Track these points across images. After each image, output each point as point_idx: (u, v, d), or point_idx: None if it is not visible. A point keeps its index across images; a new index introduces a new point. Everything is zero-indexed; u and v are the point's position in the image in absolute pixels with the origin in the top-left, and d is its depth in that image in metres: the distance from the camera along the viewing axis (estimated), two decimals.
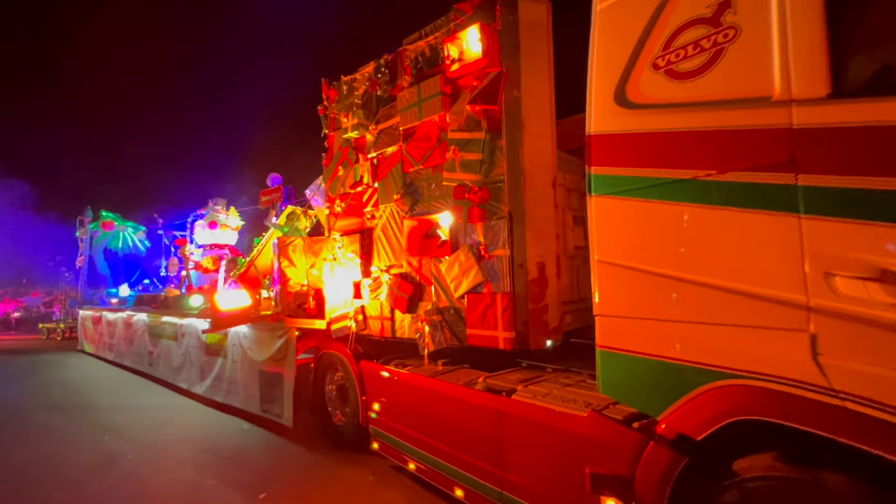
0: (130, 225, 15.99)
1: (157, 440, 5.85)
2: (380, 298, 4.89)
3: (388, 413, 4.64)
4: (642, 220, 2.53)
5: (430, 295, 4.39)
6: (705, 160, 2.29)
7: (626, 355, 2.55)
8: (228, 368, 7.31)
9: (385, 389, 4.67)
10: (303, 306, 5.96)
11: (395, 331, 4.72)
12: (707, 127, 2.28)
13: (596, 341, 2.73)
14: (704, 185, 2.30)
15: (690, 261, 2.31)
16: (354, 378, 5.12)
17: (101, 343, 12.83)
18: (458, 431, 3.76)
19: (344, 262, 5.26)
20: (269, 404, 6.40)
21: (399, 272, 4.70)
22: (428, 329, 4.26)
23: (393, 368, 4.61)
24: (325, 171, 5.68)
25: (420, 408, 4.22)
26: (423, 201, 4.54)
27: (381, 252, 4.94)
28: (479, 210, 3.94)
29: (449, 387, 3.87)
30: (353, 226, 5.23)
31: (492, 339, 3.83)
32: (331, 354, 5.66)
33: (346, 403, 5.62)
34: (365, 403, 4.97)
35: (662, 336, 2.39)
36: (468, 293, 4.02)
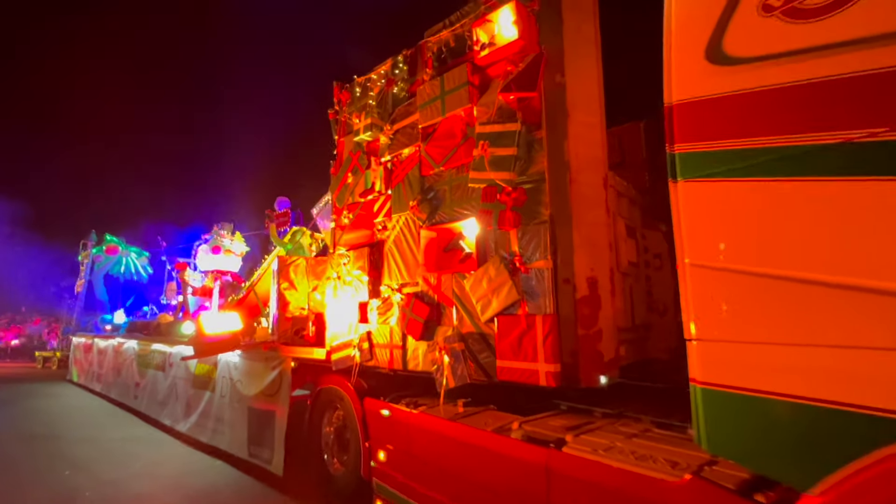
0: (134, 250, 15.58)
1: (121, 476, 5.31)
2: (389, 323, 4.15)
3: (395, 464, 3.78)
4: (760, 205, 1.84)
5: (451, 318, 3.65)
6: (863, 116, 1.62)
7: (746, 396, 1.78)
8: (216, 404, 6.47)
9: (393, 434, 3.83)
10: (301, 333, 5.22)
11: (406, 362, 3.94)
12: (868, 69, 1.62)
13: (691, 376, 1.97)
14: (861, 149, 1.62)
15: (852, 257, 1.59)
16: (356, 419, 4.29)
17: (90, 372, 12.05)
18: (488, 493, 2.90)
19: (349, 280, 4.56)
20: (258, 447, 5.52)
21: (413, 291, 3.98)
22: (448, 360, 3.48)
23: (403, 408, 3.79)
24: (333, 180, 5.10)
25: (437, 459, 3.37)
26: (443, 208, 3.88)
27: (393, 268, 4.25)
28: (512, 214, 3.27)
29: (477, 434, 3.05)
30: (361, 239, 4.57)
31: (529, 373, 3.05)
32: (330, 390, 4.85)
33: (346, 450, 4.75)
34: (368, 451, 4.11)
35: (815, 367, 1.63)
36: (499, 315, 3.28)
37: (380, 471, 3.94)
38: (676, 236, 2.13)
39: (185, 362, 7.40)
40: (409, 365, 3.91)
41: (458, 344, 3.48)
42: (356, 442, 4.31)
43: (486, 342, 3.39)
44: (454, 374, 3.44)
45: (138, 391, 8.96)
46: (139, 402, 8.84)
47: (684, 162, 2.14)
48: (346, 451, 4.74)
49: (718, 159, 2.03)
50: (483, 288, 3.38)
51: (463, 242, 3.75)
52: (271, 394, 5.41)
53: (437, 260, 3.85)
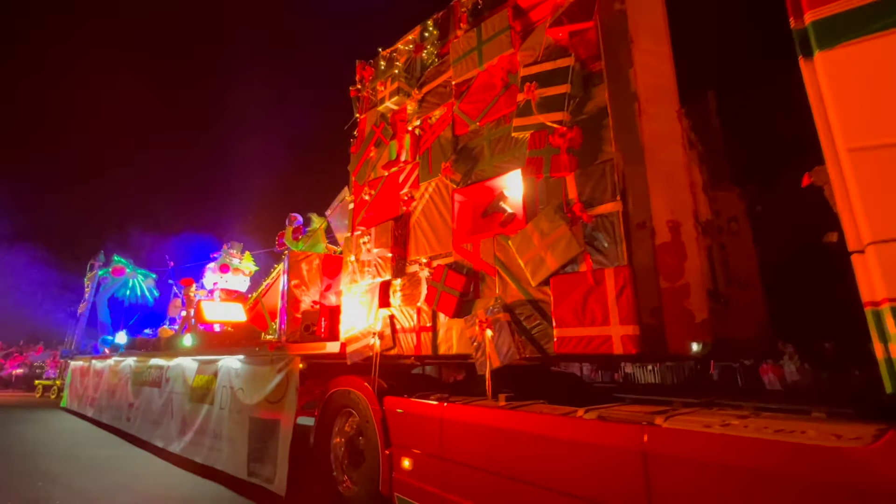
0: (141, 272, 15.24)
1: (95, 488, 4.96)
2: (416, 303, 3.57)
3: (425, 473, 3.08)
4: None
5: (493, 288, 3.07)
6: None
7: None
8: (214, 418, 5.77)
9: (422, 436, 3.15)
10: (311, 329, 4.62)
11: (437, 346, 3.32)
12: None
13: (867, 299, 1.40)
14: None
15: None
16: (374, 423, 3.62)
17: (84, 397, 11.33)
18: (556, 496, 2.21)
19: (369, 258, 4.03)
20: (259, 464, 4.78)
21: (446, 263, 3.42)
22: (491, 335, 2.87)
23: (433, 403, 3.14)
24: (353, 158, 4.68)
25: (485, 461, 2.69)
26: (481, 165, 3.41)
27: (421, 241, 3.71)
28: (568, 157, 2.77)
29: (542, 421, 2.41)
30: (384, 213, 4.07)
31: (599, 340, 2.43)
32: (342, 394, 4.18)
33: (358, 464, 4.03)
34: (388, 460, 3.41)
35: None
36: (554, 276, 2.70)
37: (404, 483, 3.22)
38: (820, 123, 1.63)
39: (182, 375, 6.76)
40: (440, 349, 3.29)
41: (502, 315, 2.88)
42: (373, 451, 3.60)
43: (539, 310, 2.79)
44: (499, 351, 2.82)
45: (131, 412, 8.23)
46: (132, 424, 8.09)
47: (821, 30, 1.67)
48: (359, 465, 4.02)
49: (864, 14, 1.57)
50: (533, 246, 2.82)
51: (504, 204, 3.24)
52: (276, 400, 4.74)
53: (473, 224, 3.33)
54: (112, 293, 14.78)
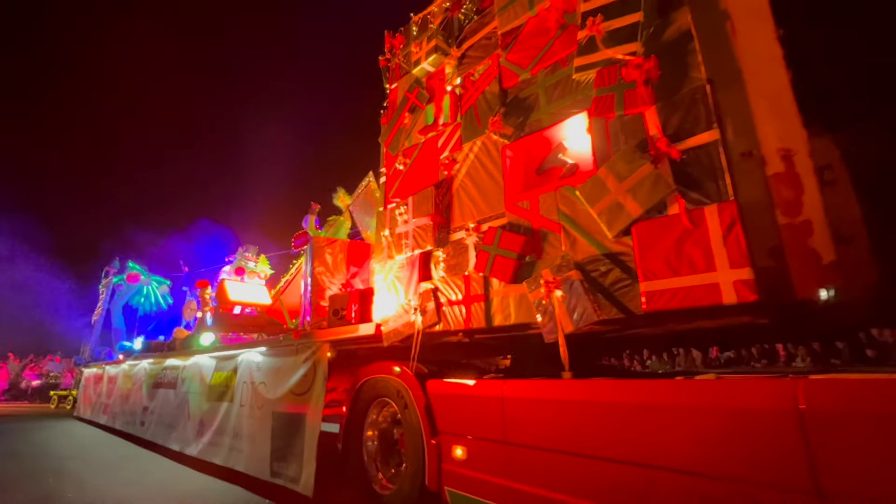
0: (156, 279, 15.09)
1: (104, 483, 4.93)
2: (464, 272, 3.19)
3: (486, 461, 2.66)
4: None
5: (558, 246, 2.70)
6: None
7: None
8: (234, 416, 5.39)
9: (480, 420, 2.74)
10: (341, 312, 4.26)
11: (490, 317, 2.93)
12: None
13: None
14: None
15: None
16: (417, 411, 3.22)
17: (97, 404, 11.03)
18: (670, 477, 1.80)
19: (406, 229, 3.68)
20: (282, 463, 4.38)
21: (498, 224, 3.06)
22: (559, 296, 2.48)
23: (494, 381, 2.74)
24: (385, 129, 4.37)
25: (571, 442, 2.28)
26: (536, 116, 3.06)
27: (466, 205, 3.36)
28: (646, 89, 2.42)
29: (659, 388, 2.01)
30: (423, 180, 3.73)
31: (702, 290, 2.04)
32: (376, 382, 3.80)
33: (397, 458, 3.63)
34: (437, 450, 3.00)
35: None
36: (637, 222, 2.32)
37: (456, 474, 2.81)
38: None
39: (199, 374, 6.42)
40: (494, 319, 2.90)
41: (573, 273, 2.49)
42: (416, 442, 3.19)
43: (618, 264, 2.40)
44: (572, 313, 2.43)
45: (146, 416, 7.89)
46: (146, 428, 7.74)
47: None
48: (397, 459, 3.62)
49: None
50: (608, 193, 2.45)
51: (563, 155, 2.88)
52: (301, 392, 4.36)
53: (529, 180, 2.97)
54: (126, 300, 14.61)
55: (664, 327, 2.66)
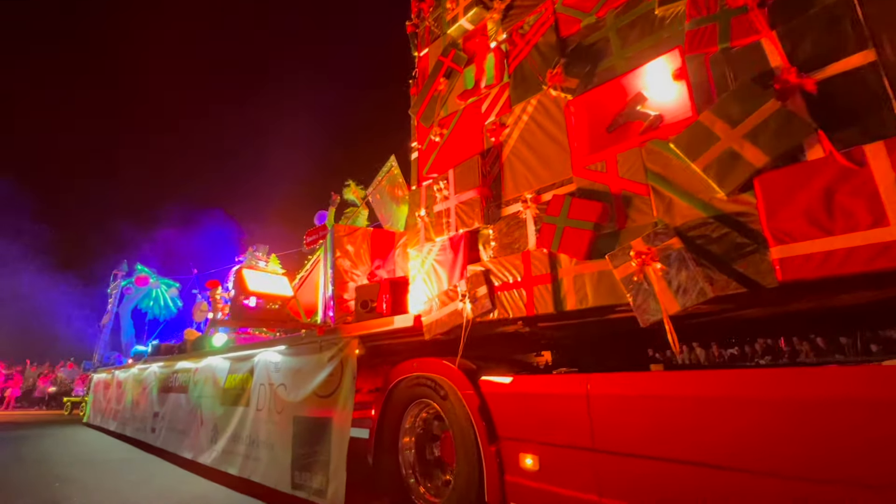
0: (164, 282, 14.77)
1: (111, 486, 4.91)
2: (522, 250, 2.73)
3: (568, 472, 2.19)
4: None
5: (647, 211, 2.23)
6: None
7: None
8: (250, 421, 4.96)
9: (558, 423, 2.27)
10: (371, 304, 3.81)
11: (560, 299, 2.46)
12: None
13: None
14: None
15: None
16: (470, 412, 2.75)
17: (106, 410, 10.68)
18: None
19: (445, 207, 3.22)
20: (306, 474, 3.94)
21: (565, 192, 2.59)
22: (658, 269, 2.01)
23: (576, 376, 2.28)
24: (415, 99, 3.92)
25: (692, 449, 1.81)
26: (607, 63, 2.60)
27: (522, 173, 2.90)
28: (762, 12, 1.95)
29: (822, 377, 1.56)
30: (463, 151, 3.28)
31: (871, 250, 1.56)
32: (415, 380, 3.34)
33: (440, 467, 3.18)
34: (497, 459, 2.53)
35: None
36: (761, 174, 1.85)
37: (526, 488, 2.34)
38: None
39: (212, 377, 6.00)
40: (565, 303, 2.43)
41: (674, 241, 2.02)
42: (469, 449, 2.73)
43: (734, 227, 1.93)
44: (676, 290, 1.96)
45: (156, 422, 7.49)
46: (156, 435, 7.34)
47: None
48: (443, 469, 3.16)
49: None
50: (716, 141, 1.98)
51: (643, 107, 2.41)
52: (327, 394, 3.92)
53: (601, 138, 2.51)
54: (135, 304, 14.31)
55: (797, 303, 2.18)
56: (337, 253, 4.68)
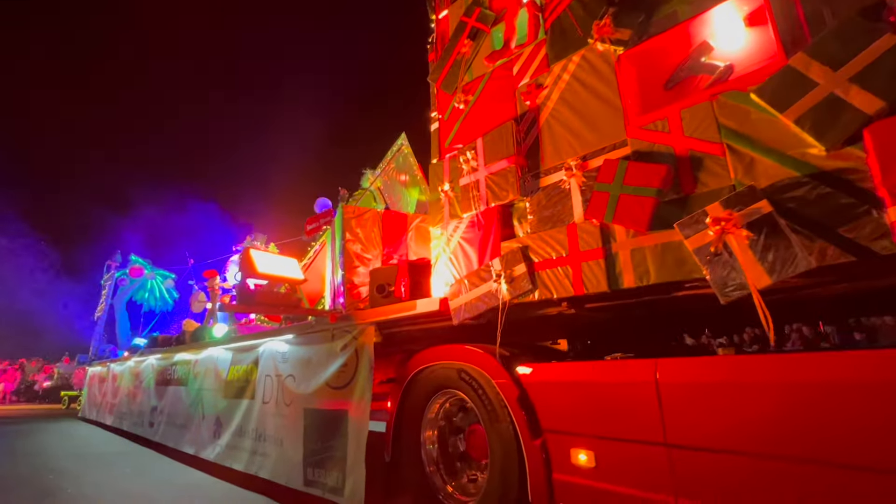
0: (160, 273, 14.39)
1: (105, 479, 4.87)
2: (566, 221, 2.45)
3: (633, 469, 1.93)
4: None
5: (721, 173, 1.95)
6: None
7: None
8: (256, 415, 4.69)
9: (622, 413, 2.00)
10: (388, 289, 3.52)
11: (615, 276, 2.18)
12: None
13: None
14: None
15: None
16: (507, 404, 2.48)
17: (102, 404, 10.38)
18: None
19: (473, 180, 2.93)
20: (319, 470, 3.68)
21: (618, 157, 2.31)
22: (743, 237, 1.74)
23: (643, 361, 2.01)
24: (435, 66, 3.59)
25: (795, 442, 1.55)
26: (665, 11, 2.30)
27: (564, 137, 2.60)
28: None
29: None
30: (493, 118, 2.98)
31: None
32: (440, 369, 3.07)
33: (468, 464, 2.93)
34: (542, 454, 2.27)
35: None
36: (873, 123, 1.57)
37: (580, 488, 2.08)
38: None
39: (213, 369, 5.71)
40: (621, 280, 2.15)
41: (762, 204, 1.74)
42: (507, 443, 2.47)
43: (837, 185, 1.65)
44: (765, 260, 1.69)
45: (155, 416, 7.21)
46: (155, 430, 7.06)
47: None
48: (472, 465, 2.91)
49: None
50: (811, 87, 1.70)
51: (708, 58, 2.12)
52: (341, 385, 3.64)
53: (660, 94, 2.22)
54: (130, 296, 13.93)
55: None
56: (347, 236, 4.38)
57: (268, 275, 3.46)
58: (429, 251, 4.90)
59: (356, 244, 4.44)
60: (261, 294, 3.40)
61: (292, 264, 3.81)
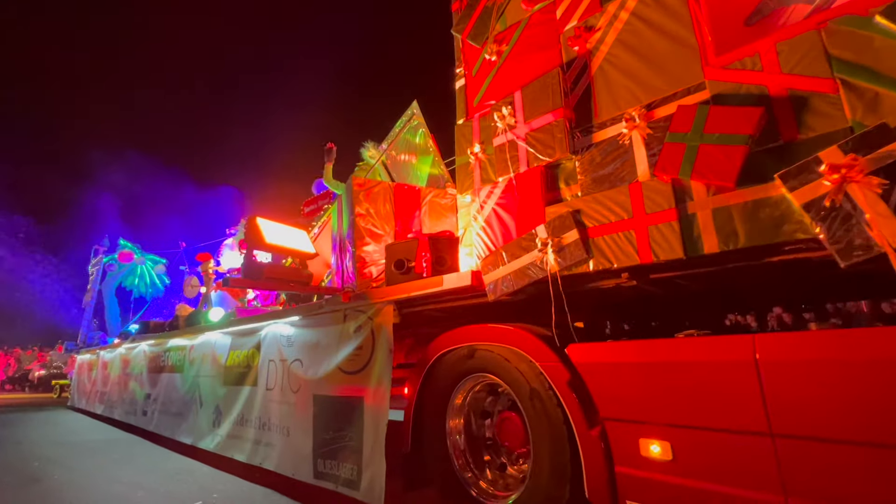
0: (150, 258, 13.89)
1: (92, 465, 4.81)
2: (627, 180, 2.13)
3: (723, 464, 1.65)
4: None
5: (835, 113, 1.63)
6: None
7: None
8: (259, 403, 4.38)
9: (712, 398, 1.71)
10: (408, 264, 3.19)
11: (694, 240, 1.87)
12: None
13: None
14: None
15: None
16: (556, 390, 2.19)
17: (92, 393, 10.00)
18: None
19: (507, 140, 2.59)
20: (331, 462, 3.38)
21: (695, 100, 1.98)
22: (876, 186, 1.43)
23: (741, 337, 1.72)
24: (461, 15, 3.21)
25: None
26: None
27: (622, 85, 2.27)
28: None
29: None
30: (533, 68, 2.63)
31: None
32: (470, 352, 2.76)
33: (500, 455, 2.65)
34: (602, 443, 1.98)
35: None
36: None
37: (654, 483, 1.79)
38: None
39: (211, 354, 5.37)
40: (701, 245, 1.84)
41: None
42: (555, 433, 2.18)
43: None
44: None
45: (148, 403, 6.86)
46: (148, 419, 6.72)
47: None
48: (506, 458, 2.63)
49: None
50: None
51: None
52: (355, 370, 3.33)
53: (744, 28, 1.89)
54: (119, 282, 13.44)
55: None
56: (357, 210, 4.02)
57: (277, 246, 3.10)
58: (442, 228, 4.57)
59: (367, 219, 4.09)
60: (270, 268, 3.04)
61: (302, 236, 3.46)
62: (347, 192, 4.23)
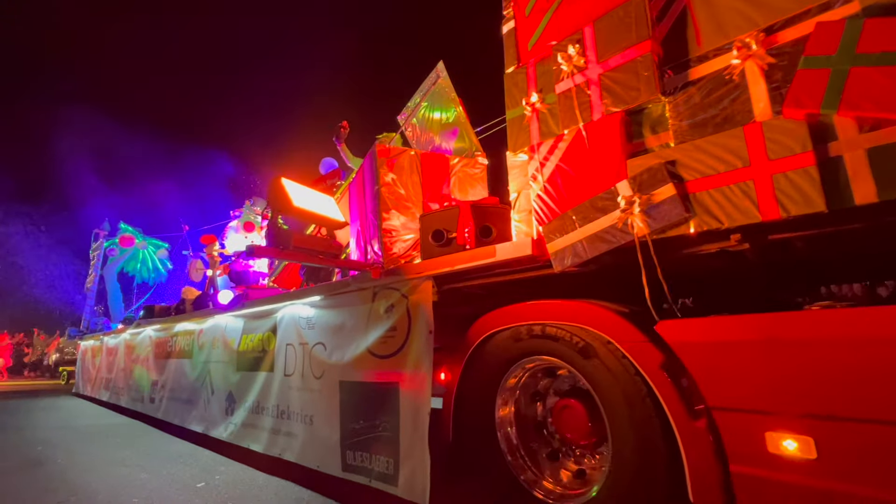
0: (152, 242, 13.52)
1: (95, 449, 4.80)
2: (740, 122, 1.75)
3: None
4: None
5: None
6: None
7: None
8: (276, 389, 4.06)
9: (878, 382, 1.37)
10: (448, 235, 2.82)
11: (842, 188, 1.50)
12: None
13: None
14: None
15: None
16: (646, 374, 1.85)
17: (98, 379, 9.75)
18: None
19: (575, 83, 2.21)
20: (362, 454, 3.07)
21: (833, 17, 1.59)
22: None
23: None
24: None
25: None
26: None
27: (725, 9, 1.87)
28: None
29: None
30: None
31: None
32: (526, 332, 2.42)
33: (559, 449, 2.34)
34: (710, 437, 1.65)
35: None
36: None
37: (784, 486, 1.47)
38: None
39: (222, 339, 5.05)
40: (850, 195, 1.47)
41: None
42: (644, 424, 1.85)
43: None
44: None
45: (155, 391, 6.58)
46: (157, 406, 6.44)
47: None
48: (571, 451, 2.32)
49: None
50: None
51: None
52: (388, 353, 2.99)
53: None
54: (121, 267, 13.10)
55: None
56: (382, 179, 3.64)
57: (305, 211, 2.73)
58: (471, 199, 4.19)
59: (392, 189, 3.71)
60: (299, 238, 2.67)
61: (330, 203, 3.08)
62: (371, 160, 3.84)
